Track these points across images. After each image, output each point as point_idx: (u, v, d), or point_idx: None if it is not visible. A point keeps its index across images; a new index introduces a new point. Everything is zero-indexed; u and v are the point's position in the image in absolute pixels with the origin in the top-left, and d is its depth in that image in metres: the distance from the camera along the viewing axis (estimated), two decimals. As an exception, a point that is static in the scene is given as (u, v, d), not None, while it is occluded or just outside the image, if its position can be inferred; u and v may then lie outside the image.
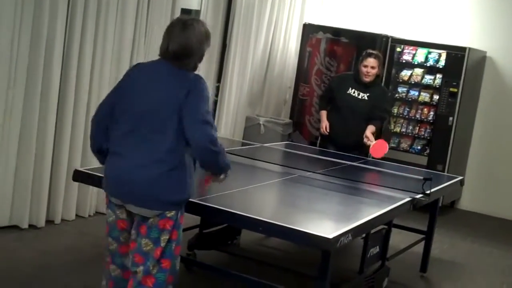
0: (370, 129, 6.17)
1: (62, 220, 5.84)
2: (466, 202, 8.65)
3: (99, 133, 3.56)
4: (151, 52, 6.41)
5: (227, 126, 7.88)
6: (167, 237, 3.43)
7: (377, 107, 6.26)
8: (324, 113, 6.45)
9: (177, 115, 3.32)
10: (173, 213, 3.43)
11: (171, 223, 3.43)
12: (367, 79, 6.21)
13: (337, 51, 8.35)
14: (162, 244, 3.42)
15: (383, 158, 6.28)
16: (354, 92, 6.26)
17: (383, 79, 7.92)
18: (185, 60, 3.41)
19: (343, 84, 6.36)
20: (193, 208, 3.90)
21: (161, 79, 3.42)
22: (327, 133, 6.33)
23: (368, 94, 6.24)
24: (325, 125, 6.35)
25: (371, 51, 6.31)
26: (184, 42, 3.38)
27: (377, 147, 6.08)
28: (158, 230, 3.40)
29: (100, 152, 3.60)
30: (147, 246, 3.42)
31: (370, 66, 6.17)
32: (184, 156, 3.41)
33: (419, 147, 8.19)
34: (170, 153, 3.35)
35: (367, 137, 6.12)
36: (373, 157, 6.26)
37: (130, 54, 6.18)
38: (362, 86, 6.25)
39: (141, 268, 3.43)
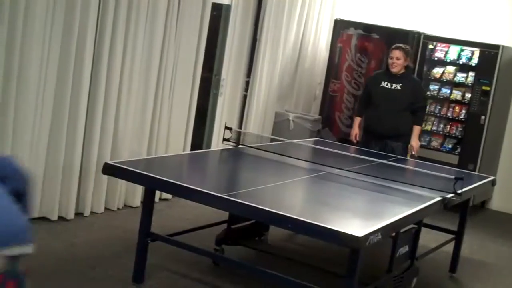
0: (416, 134, 6.64)
1: (91, 212, 5.87)
2: (497, 203, 8.52)
3: None
4: (181, 48, 6.41)
5: (256, 121, 7.85)
6: None
7: (414, 97, 6.61)
8: (357, 120, 6.90)
9: None
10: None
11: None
12: (394, 69, 6.56)
13: (368, 47, 8.27)
14: None
15: (413, 156, 6.24)
16: (387, 84, 6.60)
17: (415, 73, 7.87)
18: None
19: (377, 79, 6.74)
20: (221, 203, 3.89)
21: None
22: (355, 141, 6.73)
23: (400, 85, 6.56)
24: (355, 133, 6.84)
25: (397, 44, 6.68)
26: None
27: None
28: None
29: None
30: None
31: (395, 57, 6.54)
32: None
33: (450, 146, 8.09)
34: None
35: (412, 146, 6.62)
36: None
37: (160, 50, 6.19)
38: (394, 78, 6.58)
39: None
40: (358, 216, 4.09)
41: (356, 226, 3.70)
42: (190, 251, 4.62)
